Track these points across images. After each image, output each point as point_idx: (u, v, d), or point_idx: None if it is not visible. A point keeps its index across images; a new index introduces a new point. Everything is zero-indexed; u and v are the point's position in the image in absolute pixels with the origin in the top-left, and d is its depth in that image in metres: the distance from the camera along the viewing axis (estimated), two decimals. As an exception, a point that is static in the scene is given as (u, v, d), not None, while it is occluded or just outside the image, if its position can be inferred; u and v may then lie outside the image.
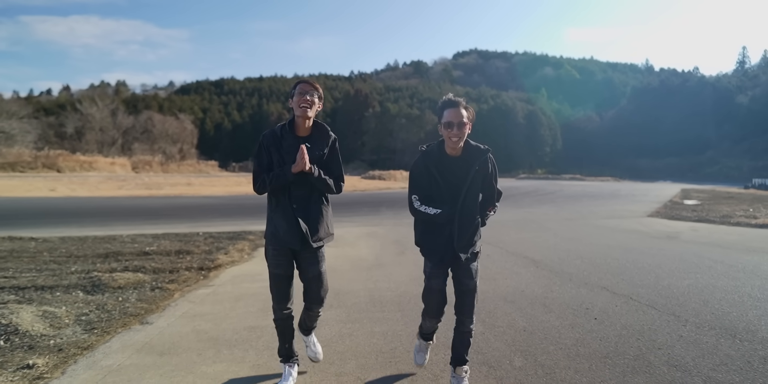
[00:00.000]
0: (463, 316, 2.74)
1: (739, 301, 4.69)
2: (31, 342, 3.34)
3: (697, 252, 7.83)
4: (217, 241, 8.06)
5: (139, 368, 3.01)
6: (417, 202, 2.67)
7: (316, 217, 2.75)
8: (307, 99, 2.64)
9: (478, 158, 2.65)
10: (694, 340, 3.60)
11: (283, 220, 2.70)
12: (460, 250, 2.63)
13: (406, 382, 2.88)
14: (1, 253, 6.63)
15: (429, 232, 2.69)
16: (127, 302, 4.41)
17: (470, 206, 2.65)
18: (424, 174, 2.66)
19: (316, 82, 2.75)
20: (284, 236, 2.69)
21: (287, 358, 2.88)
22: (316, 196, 2.77)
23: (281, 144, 2.69)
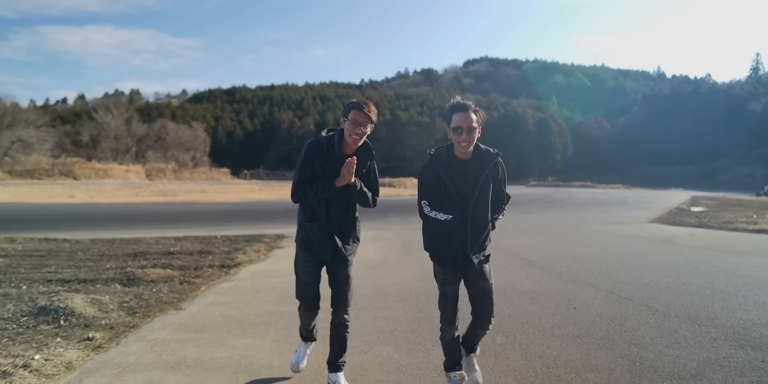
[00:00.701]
0: (484, 320, 2.74)
1: (710, 296, 5.17)
2: (85, 322, 3.93)
3: (686, 254, 8.29)
4: (234, 243, 8.66)
5: (180, 341, 3.59)
6: (427, 208, 2.63)
7: (349, 230, 2.80)
8: (359, 132, 2.63)
9: (488, 162, 2.63)
10: (658, 325, 4.10)
11: (320, 232, 2.72)
12: (473, 253, 2.63)
13: (404, 357, 3.41)
14: (41, 253, 7.30)
15: (439, 237, 2.66)
16: (161, 293, 5.01)
17: (481, 211, 2.63)
18: (434, 179, 2.62)
19: (372, 107, 2.68)
20: (317, 248, 2.73)
21: (306, 339, 3.03)
22: (352, 209, 2.82)
23: (326, 158, 2.69)
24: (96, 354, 3.28)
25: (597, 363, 3.23)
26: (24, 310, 4.16)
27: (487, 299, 2.71)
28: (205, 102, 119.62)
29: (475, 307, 2.73)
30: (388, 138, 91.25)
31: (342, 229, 2.75)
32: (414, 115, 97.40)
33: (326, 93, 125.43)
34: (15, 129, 58.16)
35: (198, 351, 3.39)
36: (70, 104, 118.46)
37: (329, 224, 2.71)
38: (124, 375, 2.96)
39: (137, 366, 3.10)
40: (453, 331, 2.73)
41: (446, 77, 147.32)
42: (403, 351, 3.47)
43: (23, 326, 3.79)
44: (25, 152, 57.27)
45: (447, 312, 2.72)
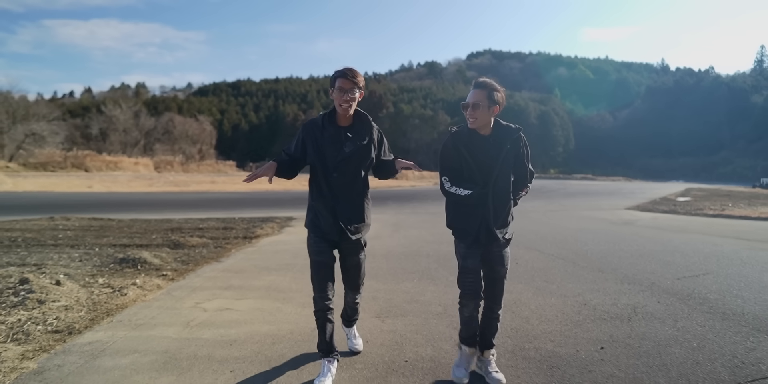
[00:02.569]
0: (493, 302, 2.74)
1: (628, 257, 6.66)
2: (156, 267, 5.47)
3: (635, 232, 9.76)
4: (251, 223, 10.19)
5: (226, 277, 5.13)
6: (448, 184, 2.62)
7: (355, 208, 2.74)
8: (347, 98, 2.62)
9: (509, 137, 2.63)
10: (572, 273, 5.59)
11: (325, 210, 2.69)
12: (498, 227, 2.63)
13: (382, 286, 4.89)
14: (95, 227, 8.87)
15: (462, 214, 2.66)
16: (202, 253, 6.55)
17: (503, 186, 2.64)
18: (454, 154, 2.62)
19: (357, 74, 2.66)
20: (324, 227, 2.69)
21: (327, 352, 2.73)
22: (357, 188, 2.75)
23: (322, 134, 2.68)
24: (172, 282, 4.82)
25: (513, 290, 4.72)
26: (108, 261, 5.70)
27: (500, 284, 2.73)
28: (210, 95, 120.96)
29: (487, 291, 2.72)
30: (392, 131, 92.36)
31: (348, 207, 2.71)
32: (417, 108, 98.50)
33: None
34: (28, 122, 59.78)
35: (240, 281, 4.93)
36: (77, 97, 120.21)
37: (332, 201, 2.68)
38: (195, 292, 4.50)
39: (202, 288, 4.64)
40: (473, 306, 2.69)
41: (450, 70, 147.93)
42: (382, 283, 4.97)
43: (113, 269, 5.33)
44: (37, 145, 58.95)
45: (467, 286, 2.67)
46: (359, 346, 3.08)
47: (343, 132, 2.69)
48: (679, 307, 4.16)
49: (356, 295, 2.97)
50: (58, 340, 3.17)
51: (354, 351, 3.05)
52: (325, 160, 2.66)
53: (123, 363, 2.83)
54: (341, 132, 2.69)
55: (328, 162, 2.65)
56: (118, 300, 4.07)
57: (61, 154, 61.02)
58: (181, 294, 4.43)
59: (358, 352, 3.04)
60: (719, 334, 3.49)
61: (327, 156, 2.66)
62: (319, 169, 2.69)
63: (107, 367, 2.78)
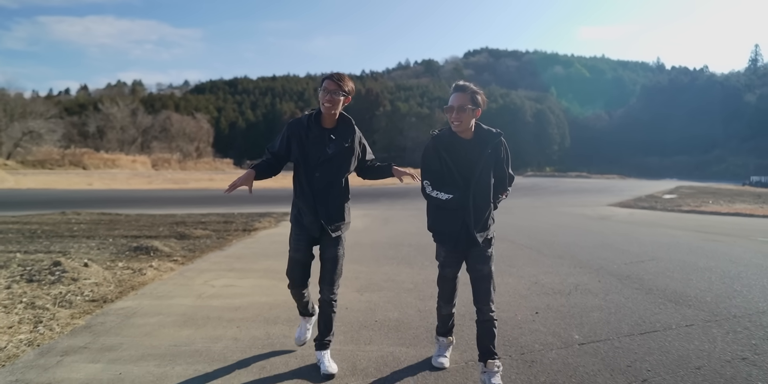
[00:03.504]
0: (481, 304, 2.68)
1: (591, 246, 7.42)
2: (167, 254, 6.19)
3: (608, 225, 10.53)
4: (250, 217, 10.91)
5: (229, 262, 5.86)
6: (429, 187, 2.66)
7: (335, 207, 2.83)
8: (331, 99, 2.70)
9: (490, 141, 2.65)
10: (534, 259, 6.34)
11: (306, 208, 2.79)
12: (478, 231, 2.64)
13: (365, 269, 5.63)
14: (105, 221, 9.59)
15: (442, 218, 2.69)
16: (206, 243, 7.27)
17: (483, 189, 2.65)
18: (435, 157, 2.65)
19: (344, 78, 2.77)
20: (306, 223, 2.81)
21: (303, 314, 3.15)
22: (338, 188, 2.84)
23: (307, 134, 2.76)
24: (182, 266, 5.56)
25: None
26: (123, 249, 6.43)
27: (485, 283, 2.68)
28: (207, 93, 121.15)
29: (474, 291, 2.71)
30: (388, 129, 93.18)
31: (328, 205, 2.81)
32: (414, 106, 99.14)
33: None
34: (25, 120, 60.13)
35: (241, 265, 5.67)
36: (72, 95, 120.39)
37: (313, 198, 2.78)
38: (203, 273, 5.24)
39: (209, 270, 5.38)
40: (449, 307, 2.85)
41: (447, 68, 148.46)
42: (365, 266, 5.71)
43: (129, 256, 6.06)
44: (35, 143, 59.31)
45: (444, 291, 2.82)
46: (332, 370, 2.75)
47: (327, 133, 2.78)
48: (615, 285, 4.92)
49: (331, 294, 2.85)
50: (96, 306, 3.90)
51: (326, 374, 2.72)
52: (308, 160, 2.77)
53: (152, 321, 3.57)
54: (325, 133, 2.78)
55: (311, 161, 2.76)
56: (139, 278, 4.80)
57: (58, 151, 61.36)
58: (191, 274, 5.16)
59: (331, 376, 2.71)
60: (637, 303, 4.25)
61: (311, 156, 2.76)
62: (302, 168, 2.80)
63: (139, 323, 3.52)
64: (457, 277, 2.78)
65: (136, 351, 3.00)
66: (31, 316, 3.54)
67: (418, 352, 3.10)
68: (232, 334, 3.36)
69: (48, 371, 2.69)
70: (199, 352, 3.01)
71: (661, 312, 3.99)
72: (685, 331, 3.52)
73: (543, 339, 3.34)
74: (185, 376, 2.66)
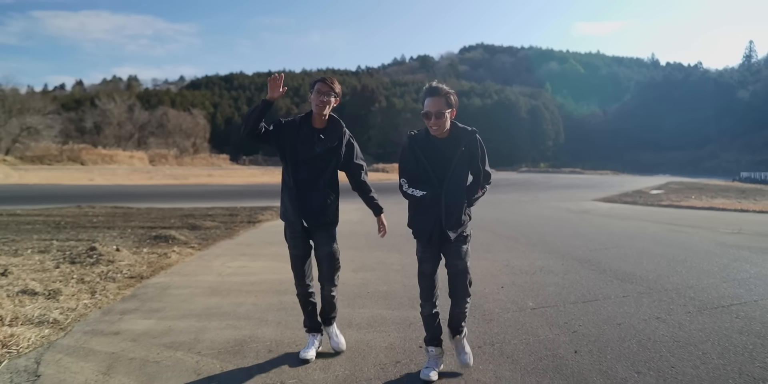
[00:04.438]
0: (457, 298, 2.80)
1: (564, 235, 8.23)
2: (183, 242, 6.96)
3: (586, 218, 11.34)
4: (252, 211, 11.67)
5: (240, 248, 6.65)
6: (405, 185, 2.75)
7: (317, 202, 2.94)
8: (323, 100, 2.85)
9: (464, 139, 2.72)
10: (510, 247, 7.14)
11: (288, 201, 2.97)
12: (449, 228, 2.70)
13: (357, 253, 6.40)
14: (120, 214, 10.35)
15: (418, 213, 2.79)
16: (216, 233, 8.05)
17: (457, 186, 2.73)
18: (411, 156, 2.74)
19: (335, 81, 2.93)
20: (291, 217, 2.97)
21: (311, 329, 3.08)
22: (322, 185, 2.94)
23: (297, 132, 2.91)
24: (199, 252, 6.35)
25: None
26: (144, 238, 7.20)
27: (461, 278, 2.76)
28: (203, 88, 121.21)
29: (450, 286, 2.80)
30: (384, 125, 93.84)
31: (309, 200, 2.92)
32: (409, 102, 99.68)
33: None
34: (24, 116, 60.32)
35: (251, 251, 6.46)
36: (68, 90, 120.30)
37: (297, 195, 2.91)
38: (219, 257, 6.03)
39: (224, 254, 6.17)
40: (430, 307, 2.82)
41: (442, 64, 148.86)
42: (359, 252, 6.50)
43: (151, 243, 6.83)
44: (33, 139, 59.59)
45: (423, 289, 2.81)
46: (342, 346, 3.10)
47: (317, 133, 2.92)
48: (575, 267, 5.73)
49: (332, 288, 3.04)
50: (135, 281, 4.68)
51: (337, 350, 3.08)
52: (296, 156, 2.90)
53: (184, 292, 4.36)
54: (315, 133, 2.92)
55: (299, 158, 2.90)
56: (165, 261, 5.59)
57: (57, 147, 61.65)
58: (209, 258, 5.95)
59: (341, 352, 3.07)
60: (589, 281, 5.06)
61: (299, 152, 2.90)
62: (290, 164, 2.92)
63: (175, 293, 4.31)
64: (435, 274, 2.80)
65: (177, 312, 3.79)
66: (86, 287, 4.32)
67: (401, 314, 3.89)
68: (252, 300, 4.15)
69: (114, 324, 3.48)
70: (227, 313, 3.81)
71: (606, 287, 4.80)
72: (621, 300, 4.33)
73: (503, 305, 4.15)
74: (220, 328, 3.46)
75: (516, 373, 2.81)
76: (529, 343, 3.28)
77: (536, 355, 3.08)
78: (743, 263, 5.95)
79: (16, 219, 9.23)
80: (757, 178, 47.08)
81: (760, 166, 62.85)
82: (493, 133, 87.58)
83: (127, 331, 3.37)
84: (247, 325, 3.53)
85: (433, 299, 2.82)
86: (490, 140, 38.38)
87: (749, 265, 5.87)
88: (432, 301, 2.82)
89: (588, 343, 3.28)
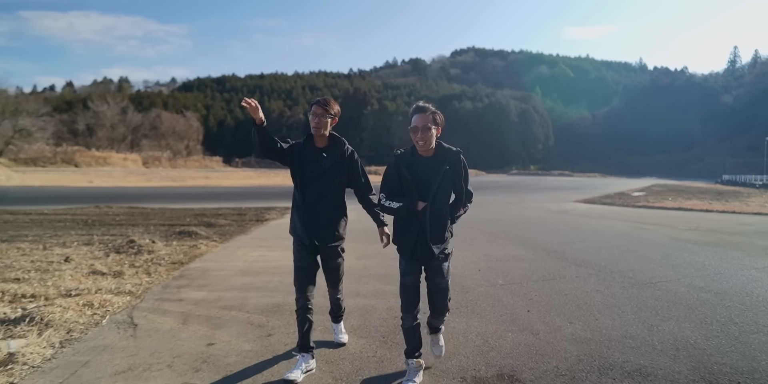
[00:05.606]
0: (436, 312, 2.97)
1: (538, 232, 9.32)
2: (205, 236, 7.95)
3: (563, 218, 12.46)
4: (258, 210, 12.66)
5: (256, 241, 7.66)
6: (384, 199, 2.84)
7: (324, 219, 3.04)
8: (318, 121, 2.96)
9: (449, 158, 2.81)
10: (491, 241, 8.21)
11: (297, 218, 3.07)
12: (433, 242, 2.78)
13: (352, 245, 7.41)
14: (136, 213, 11.30)
15: (401, 228, 2.85)
16: (230, 229, 9.04)
17: (441, 203, 2.81)
18: (394, 173, 2.82)
19: (329, 102, 3.03)
20: (300, 233, 3.06)
21: (302, 348, 3.01)
22: (329, 202, 3.04)
23: (302, 153, 3.02)
24: (222, 244, 7.36)
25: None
26: (169, 233, 8.19)
27: (442, 295, 2.89)
28: (195, 91, 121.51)
29: (430, 301, 2.92)
30: (376, 127, 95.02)
31: (316, 217, 3.03)
32: (401, 105, 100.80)
33: (315, 82, 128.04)
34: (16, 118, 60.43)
35: (266, 243, 7.48)
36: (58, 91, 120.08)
37: (306, 212, 3.02)
38: (241, 248, 7.04)
39: (244, 246, 7.19)
40: (411, 319, 2.86)
41: (434, 67, 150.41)
42: (361, 245, 7.52)
43: (177, 238, 7.81)
44: (26, 141, 59.75)
45: (405, 301, 2.86)
46: (344, 339, 3.45)
47: (320, 152, 3.03)
48: (542, 256, 6.80)
49: (337, 293, 3.33)
50: (177, 266, 5.69)
51: (339, 342, 3.43)
52: (303, 175, 3.03)
53: (221, 273, 5.38)
54: (318, 152, 3.03)
55: (306, 177, 3.02)
56: (196, 251, 6.60)
57: (51, 149, 61.75)
58: (232, 249, 6.97)
59: (343, 344, 3.42)
60: (551, 265, 6.13)
61: (305, 172, 3.02)
62: (298, 183, 3.04)
63: (214, 274, 5.34)
64: (417, 287, 2.87)
65: (221, 287, 4.81)
66: (141, 270, 5.33)
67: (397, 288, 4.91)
68: (278, 279, 5.18)
69: (175, 295, 4.51)
70: (260, 287, 4.84)
71: (564, 270, 5.88)
72: (573, 279, 5.41)
73: (478, 282, 5.21)
74: (258, 297, 4.49)
75: (482, 323, 3.88)
76: (495, 306, 4.35)
77: (498, 313, 4.14)
78: (683, 253, 7.07)
79: (47, 218, 10.19)
80: (738, 181, 48.68)
81: (744, 169, 64.59)
82: (484, 136, 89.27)
83: (187, 298, 4.39)
84: (279, 295, 4.56)
85: (414, 312, 2.87)
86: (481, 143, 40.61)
87: (687, 254, 6.98)
88: (413, 314, 2.87)
89: (539, 306, 4.34)
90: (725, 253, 7.13)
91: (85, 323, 3.64)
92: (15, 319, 3.53)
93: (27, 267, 5.33)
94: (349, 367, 3.07)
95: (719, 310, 4.23)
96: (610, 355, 3.25)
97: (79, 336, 3.43)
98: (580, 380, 2.89)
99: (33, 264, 5.49)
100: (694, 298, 4.60)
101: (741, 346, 3.41)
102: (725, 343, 3.46)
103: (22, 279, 4.81)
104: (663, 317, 4.02)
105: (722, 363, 3.11)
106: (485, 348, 3.37)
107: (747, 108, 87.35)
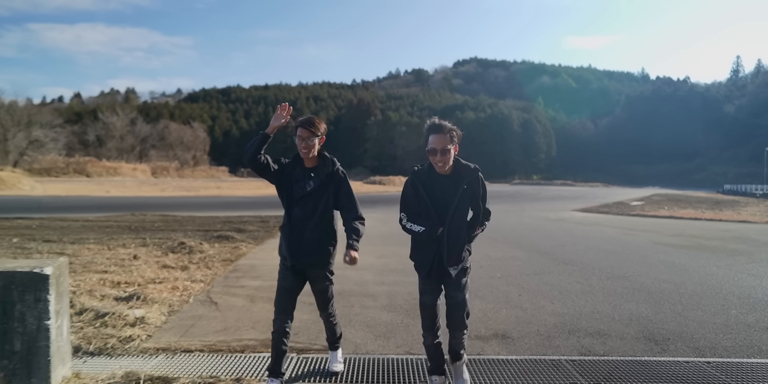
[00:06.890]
0: (454, 329, 2.89)
1: (534, 237, 10.39)
2: (240, 239, 9.05)
3: (559, 225, 13.52)
4: (278, 218, 13.72)
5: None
6: (405, 220, 2.82)
7: (309, 242, 2.96)
8: (305, 145, 2.91)
9: (467, 177, 2.78)
10: (490, 244, 9.27)
11: (283, 238, 3.08)
12: (450, 265, 2.77)
13: (398, 270, 8.49)
14: (170, 220, 12.44)
15: (419, 247, 2.87)
16: (260, 234, 10.14)
17: (459, 223, 2.80)
18: (412, 193, 2.80)
19: (314, 122, 2.94)
20: (283, 252, 3.08)
21: (273, 373, 2.94)
22: (313, 223, 2.97)
23: (291, 173, 3.00)
24: (258, 246, 8.47)
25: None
26: (207, 237, 9.30)
27: (459, 310, 2.85)
28: (201, 101, 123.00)
29: (448, 318, 2.89)
30: (379, 138, 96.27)
31: (300, 239, 2.96)
32: (404, 115, 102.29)
33: (319, 93, 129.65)
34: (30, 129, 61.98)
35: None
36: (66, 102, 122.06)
37: (290, 233, 2.98)
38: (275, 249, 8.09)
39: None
40: (431, 337, 2.89)
41: (436, 77, 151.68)
42: (377, 247, 8.61)
43: (217, 241, 8.91)
44: (39, 152, 61.24)
45: (425, 320, 2.89)
46: (338, 368, 3.27)
47: (308, 172, 2.98)
48: (535, 256, 7.88)
49: (329, 316, 3.22)
50: (228, 263, 6.80)
51: (331, 371, 3.24)
52: (291, 196, 2.97)
53: (267, 268, 6.48)
54: (306, 172, 2.98)
55: (294, 197, 2.97)
56: (240, 251, 7.71)
57: (63, 160, 63.21)
58: (269, 250, 8.09)
59: (335, 373, 3.21)
60: (542, 263, 7.21)
61: (293, 192, 2.97)
62: (285, 203, 3.00)
63: (262, 269, 6.45)
64: (436, 306, 2.87)
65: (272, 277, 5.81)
66: (201, 265, 6.44)
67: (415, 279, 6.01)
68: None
69: (237, 282, 5.62)
70: (302, 278, 5.93)
71: (553, 267, 6.96)
72: (559, 273, 6.49)
73: (479, 275, 6.29)
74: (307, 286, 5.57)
75: (482, 303, 4.97)
76: (493, 292, 5.44)
77: (495, 296, 5.24)
78: (659, 254, 8.15)
79: (95, 224, 11.35)
80: (739, 191, 49.49)
81: (746, 178, 64.99)
82: (487, 146, 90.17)
83: (247, 285, 5.50)
84: (319, 284, 5.64)
85: (434, 329, 2.89)
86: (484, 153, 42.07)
87: (663, 255, 8.06)
88: (434, 332, 2.90)
89: (528, 292, 5.43)
90: (696, 254, 8.20)
91: (178, 301, 4.75)
92: (126, 297, 4.64)
93: (106, 263, 6.45)
94: (383, 329, 4.17)
95: (673, 296, 5.31)
96: (578, 323, 4.33)
97: (177, 309, 4.54)
98: (554, 338, 3.98)
99: (109, 260, 6.61)
100: (656, 287, 5.69)
101: (680, 318, 4.50)
102: (669, 316, 4.55)
103: (108, 271, 5.92)
104: (626, 300, 5.11)
105: (662, 328, 4.20)
106: (484, 319, 4.46)
107: (750, 117, 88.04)
